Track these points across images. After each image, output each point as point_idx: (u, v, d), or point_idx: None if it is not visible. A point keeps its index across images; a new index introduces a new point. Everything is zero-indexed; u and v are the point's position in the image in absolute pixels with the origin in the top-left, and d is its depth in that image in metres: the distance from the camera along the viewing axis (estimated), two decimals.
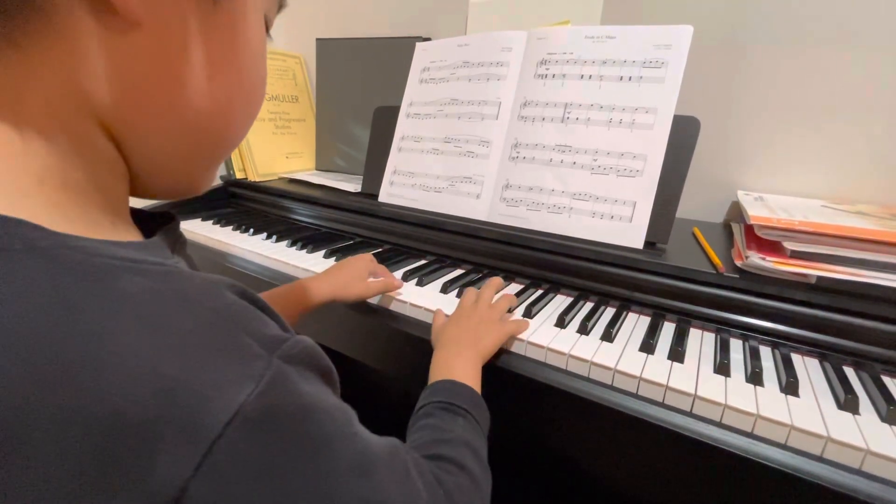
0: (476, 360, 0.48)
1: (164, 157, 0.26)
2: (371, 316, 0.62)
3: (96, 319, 0.18)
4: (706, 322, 0.57)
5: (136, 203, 0.28)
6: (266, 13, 0.28)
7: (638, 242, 0.62)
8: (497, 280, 0.61)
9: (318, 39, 1.12)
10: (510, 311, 0.58)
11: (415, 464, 0.29)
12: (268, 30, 0.29)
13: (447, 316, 0.56)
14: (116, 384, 0.17)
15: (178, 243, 0.29)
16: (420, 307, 0.61)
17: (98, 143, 0.23)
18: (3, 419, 0.16)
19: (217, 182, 1.09)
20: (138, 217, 0.28)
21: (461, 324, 0.52)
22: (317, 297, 0.57)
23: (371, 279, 0.62)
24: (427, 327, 0.58)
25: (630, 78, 0.64)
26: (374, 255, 0.78)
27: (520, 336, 0.53)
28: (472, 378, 0.45)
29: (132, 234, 0.26)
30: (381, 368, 0.66)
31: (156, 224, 0.29)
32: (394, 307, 0.63)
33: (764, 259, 0.52)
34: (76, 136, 0.22)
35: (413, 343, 0.58)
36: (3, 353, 0.16)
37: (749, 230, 0.61)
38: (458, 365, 0.46)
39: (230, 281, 0.23)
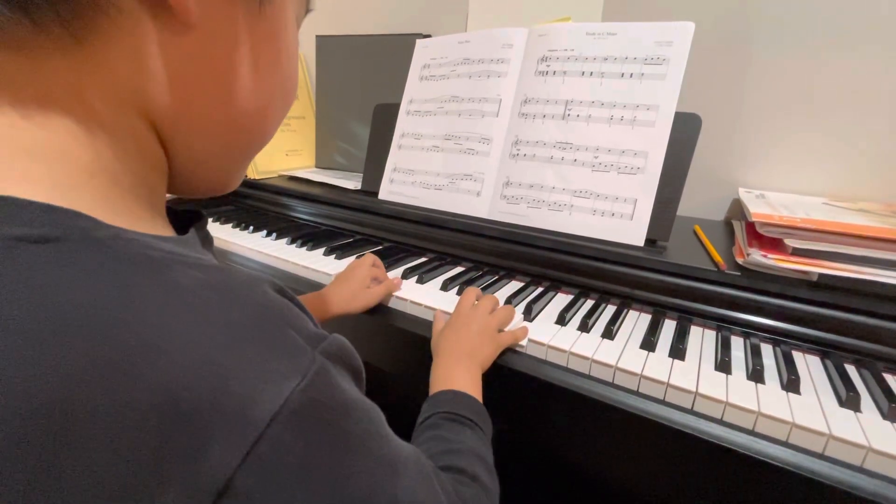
0: (476, 370, 0.48)
1: (206, 156, 0.27)
2: (371, 314, 0.62)
3: (153, 308, 0.18)
4: (707, 320, 0.57)
5: None
6: (297, 12, 0.29)
7: (639, 240, 0.61)
8: (493, 298, 0.58)
9: (317, 36, 1.11)
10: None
11: (436, 475, 0.29)
12: (297, 27, 0.30)
13: (446, 314, 0.56)
14: (173, 372, 0.18)
15: (207, 240, 0.29)
16: (420, 305, 0.61)
17: (147, 141, 0.24)
18: (65, 406, 0.16)
19: None
20: (169, 213, 0.29)
21: (460, 333, 0.51)
22: (326, 314, 0.58)
23: (374, 285, 0.62)
24: (427, 325, 0.58)
25: (631, 75, 0.64)
26: (373, 252, 0.78)
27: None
28: (473, 387, 0.46)
29: (168, 231, 0.26)
30: (381, 366, 0.66)
31: (181, 221, 0.29)
32: (394, 305, 0.63)
33: (765, 256, 0.52)
34: (127, 134, 0.23)
35: (413, 341, 0.58)
36: (64, 340, 0.17)
37: (750, 227, 0.61)
38: (458, 374, 0.46)
39: (269, 278, 0.24)
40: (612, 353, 0.49)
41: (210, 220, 0.96)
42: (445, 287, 0.65)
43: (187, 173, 0.27)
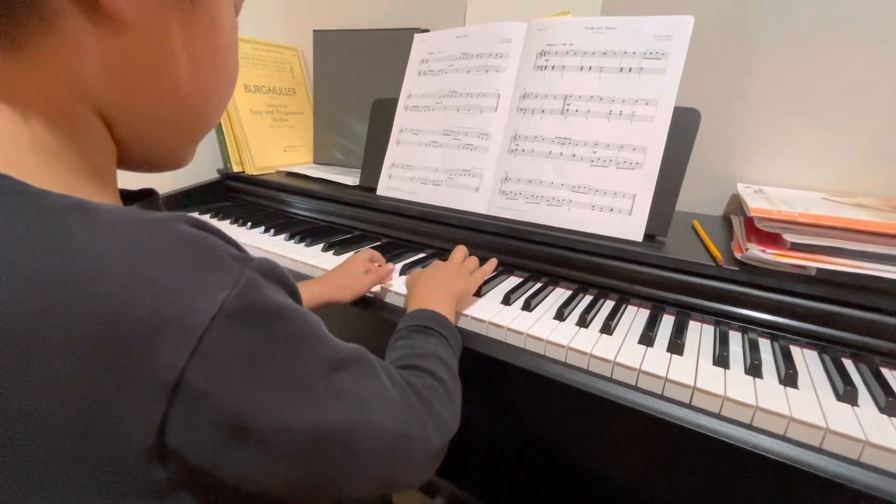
0: (449, 297, 0.52)
1: (151, 137, 0.29)
2: (368, 309, 0.62)
3: (88, 240, 0.21)
4: (705, 314, 0.57)
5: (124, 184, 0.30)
6: (235, 4, 0.31)
7: (637, 235, 0.61)
8: (463, 247, 0.65)
9: (315, 31, 1.11)
10: (484, 286, 0.63)
11: (383, 368, 0.33)
12: (236, 13, 0.32)
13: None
14: (112, 291, 0.20)
15: None
16: None
17: (91, 123, 0.26)
18: (20, 337, 0.19)
19: (214, 175, 1.08)
20: (125, 196, 0.31)
21: (434, 269, 0.57)
22: (311, 301, 0.59)
23: (367, 271, 0.63)
24: None
25: (630, 69, 0.63)
26: (372, 248, 0.78)
27: (519, 329, 0.53)
28: (445, 310, 0.49)
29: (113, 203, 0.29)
30: None
31: (136, 200, 0.31)
32: (391, 300, 0.63)
33: (764, 251, 0.52)
34: (71, 118, 0.25)
35: None
36: (13, 281, 0.19)
37: (749, 222, 0.61)
38: (432, 299, 0.51)
39: (186, 215, 0.26)
40: (610, 348, 0.49)
41: (207, 216, 0.96)
42: None
43: (135, 151, 0.29)
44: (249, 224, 0.89)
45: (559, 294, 0.64)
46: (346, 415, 0.27)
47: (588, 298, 0.62)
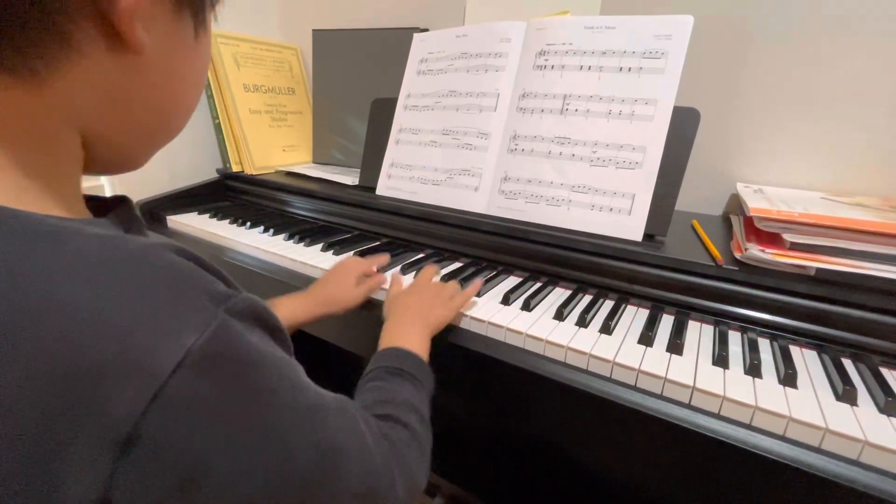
0: (425, 331, 0.51)
1: (125, 149, 0.29)
2: (369, 310, 0.62)
3: (45, 275, 0.20)
4: (705, 314, 0.57)
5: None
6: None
7: (637, 235, 0.61)
8: (434, 267, 0.63)
9: (314, 31, 1.10)
10: (478, 296, 0.61)
11: (363, 419, 0.32)
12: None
13: (401, 277, 0.60)
14: (71, 329, 0.19)
15: (134, 226, 0.31)
16: None
17: (69, 142, 0.26)
18: None
19: (213, 175, 1.08)
20: (97, 204, 0.30)
21: (412, 296, 0.55)
22: (301, 318, 0.57)
23: (360, 282, 0.62)
24: None
25: (630, 69, 0.63)
26: (371, 248, 0.78)
27: (518, 328, 0.53)
28: (420, 347, 0.48)
29: (82, 215, 0.28)
30: None
31: (110, 209, 0.31)
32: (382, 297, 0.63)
33: (763, 251, 0.52)
34: (52, 138, 0.25)
35: None
36: None
37: (748, 222, 0.61)
38: (407, 333, 0.49)
39: (176, 245, 0.25)
40: (609, 348, 0.49)
41: (206, 215, 0.96)
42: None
43: (103, 161, 0.29)
44: (249, 224, 0.89)
45: (558, 294, 0.64)
46: (315, 465, 0.26)
47: (587, 298, 0.62)
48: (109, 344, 0.19)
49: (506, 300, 0.59)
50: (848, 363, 0.48)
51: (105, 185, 1.01)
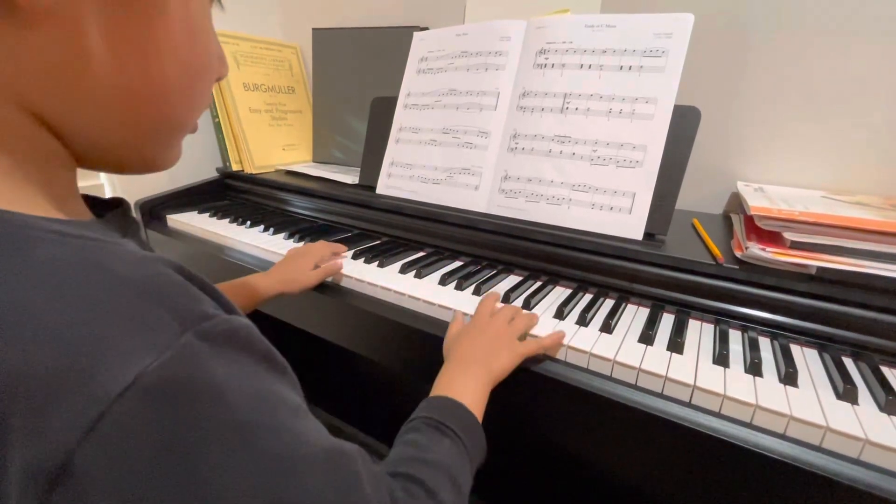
0: (485, 381, 0.44)
1: (106, 140, 0.26)
2: (369, 308, 0.62)
3: (9, 283, 0.19)
4: (705, 313, 0.57)
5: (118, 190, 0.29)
6: None
7: (637, 234, 0.61)
8: (515, 308, 0.56)
9: (314, 29, 1.10)
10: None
11: (370, 475, 0.26)
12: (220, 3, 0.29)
13: (466, 315, 0.54)
14: (16, 345, 0.18)
15: (131, 228, 0.29)
16: (419, 300, 0.60)
17: (31, 131, 0.24)
18: None
19: (213, 174, 1.08)
20: (93, 204, 0.29)
21: (474, 339, 0.48)
22: (265, 293, 0.61)
23: (317, 267, 0.66)
24: (426, 319, 0.58)
25: (630, 67, 0.63)
26: (370, 246, 0.78)
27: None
28: (474, 399, 0.42)
29: (79, 216, 0.26)
30: (378, 360, 0.66)
31: (108, 210, 0.29)
32: (392, 299, 0.63)
33: (764, 250, 0.52)
34: (6, 126, 0.23)
35: (411, 335, 0.58)
36: None
37: (749, 221, 0.61)
38: (461, 383, 0.43)
39: (173, 261, 0.23)
40: (610, 346, 0.49)
41: (206, 215, 0.96)
42: (444, 282, 0.64)
43: (94, 154, 0.27)
44: (248, 223, 0.89)
45: (559, 293, 0.63)
46: None
47: (588, 297, 0.62)
48: (52, 362, 0.18)
49: (506, 299, 0.59)
50: (849, 362, 0.48)
51: (105, 185, 1.01)
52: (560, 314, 0.56)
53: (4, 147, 0.23)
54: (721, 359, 0.47)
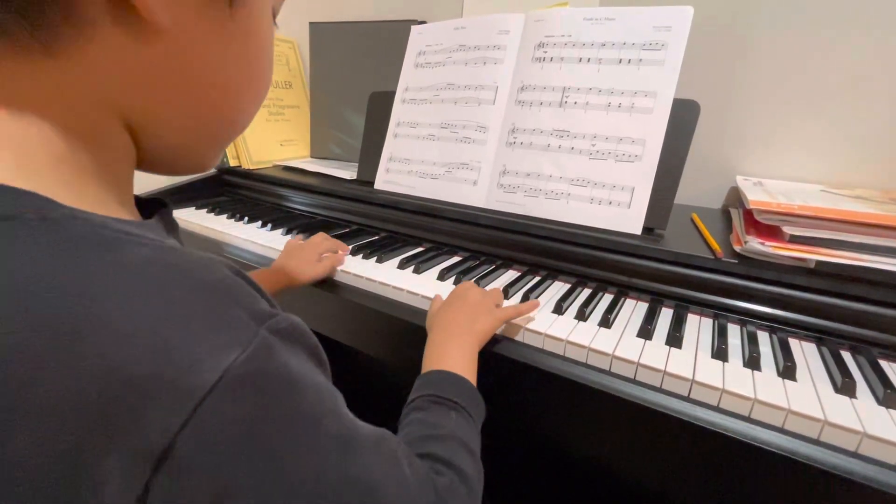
0: (472, 345, 0.47)
1: (177, 144, 0.28)
2: (368, 304, 0.62)
3: (99, 283, 0.20)
4: (704, 307, 0.57)
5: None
6: (273, 4, 0.30)
7: (636, 228, 0.61)
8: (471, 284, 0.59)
9: (311, 23, 1.09)
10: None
11: (406, 458, 0.29)
12: (274, 17, 0.30)
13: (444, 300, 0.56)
14: (116, 342, 0.19)
15: (172, 227, 0.31)
16: (417, 294, 0.60)
17: (114, 132, 0.25)
18: (20, 386, 0.18)
19: (211, 170, 1.07)
20: (136, 202, 0.30)
21: (455, 306, 0.50)
22: (273, 285, 0.61)
23: (321, 260, 0.67)
24: (425, 315, 0.58)
25: (629, 61, 0.63)
26: (369, 242, 0.77)
27: (517, 322, 0.53)
28: (467, 366, 0.44)
29: (132, 215, 0.28)
30: (380, 357, 0.66)
31: (150, 209, 0.30)
32: (391, 295, 0.63)
33: (763, 244, 0.52)
34: (94, 127, 0.24)
35: (411, 330, 0.58)
36: (18, 313, 0.18)
37: (748, 215, 0.61)
38: (452, 352, 0.45)
39: (225, 260, 0.24)
40: (609, 341, 0.49)
41: (204, 210, 0.96)
42: (442, 277, 0.64)
43: (159, 157, 0.28)
44: (246, 219, 0.89)
45: (557, 288, 0.63)
46: (348, 500, 0.24)
47: (586, 292, 0.62)
48: (146, 361, 0.19)
49: (504, 294, 0.59)
50: (847, 355, 0.48)
51: None
52: (559, 309, 0.56)
53: (88, 147, 0.24)
54: (720, 353, 0.47)
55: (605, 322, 0.53)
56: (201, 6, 0.24)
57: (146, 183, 1.00)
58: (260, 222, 0.87)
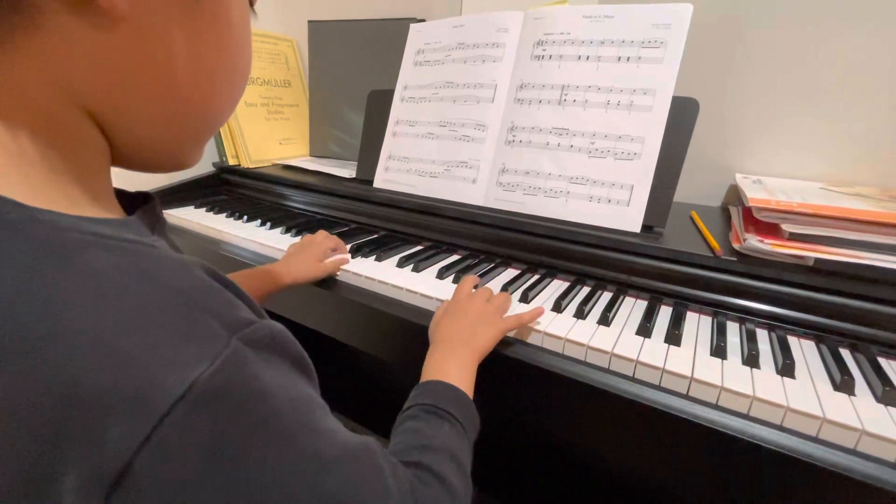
0: (470, 359, 0.46)
1: (149, 139, 0.27)
2: (366, 302, 0.62)
3: (57, 292, 0.19)
4: (703, 305, 0.57)
5: (118, 183, 0.29)
6: None
7: (635, 226, 0.61)
8: (473, 278, 0.59)
9: (310, 22, 1.09)
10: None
11: (390, 466, 0.28)
12: (252, 4, 0.29)
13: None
14: (71, 354, 0.18)
15: (158, 224, 0.30)
16: (416, 293, 0.60)
17: (81, 127, 0.24)
18: None
19: (209, 169, 1.07)
20: (120, 197, 0.29)
21: (457, 319, 0.50)
22: (279, 283, 0.61)
23: (327, 259, 0.67)
24: (424, 313, 0.58)
25: (628, 58, 0.63)
26: (368, 241, 0.77)
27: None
28: (464, 379, 0.44)
29: (114, 213, 0.27)
30: (375, 354, 0.66)
31: (136, 204, 0.29)
32: (390, 293, 0.63)
33: (762, 241, 0.52)
34: (57, 122, 0.23)
35: (410, 329, 0.58)
36: None
37: (747, 213, 0.61)
38: (450, 364, 0.44)
39: (205, 263, 0.24)
40: (608, 339, 0.49)
41: (203, 209, 0.95)
42: (441, 275, 0.64)
43: (133, 152, 0.27)
44: (245, 218, 0.89)
45: (557, 286, 0.63)
46: None
47: (586, 290, 0.62)
48: (103, 374, 0.18)
49: (504, 292, 0.59)
50: (846, 353, 0.48)
51: None
52: (558, 307, 0.56)
53: (53, 142, 0.23)
54: (719, 351, 0.47)
55: (605, 320, 0.53)
56: None
57: (143, 179, 1.00)
58: (259, 221, 0.87)
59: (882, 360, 0.46)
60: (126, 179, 0.30)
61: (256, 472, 0.21)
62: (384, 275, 0.64)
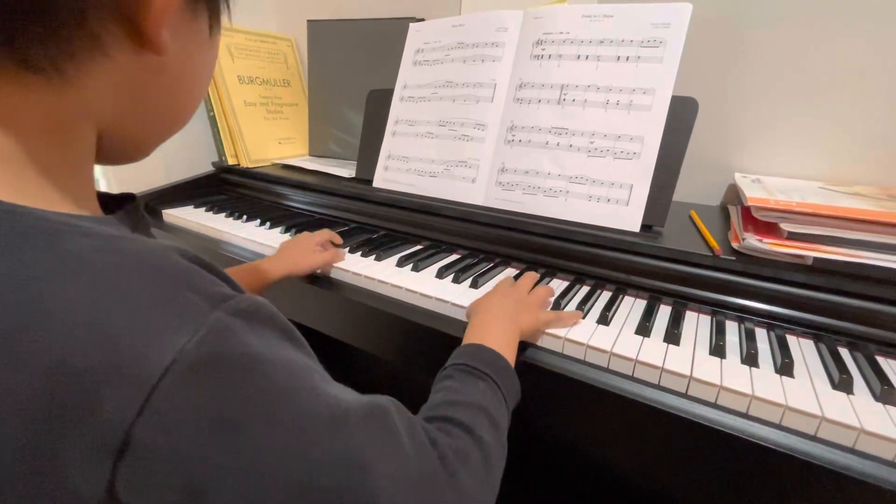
0: (514, 332, 0.45)
1: (135, 140, 0.29)
2: (366, 302, 0.62)
3: (41, 275, 0.19)
4: (702, 304, 0.57)
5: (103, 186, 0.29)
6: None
7: (634, 226, 0.61)
8: (533, 275, 0.59)
9: (309, 21, 1.09)
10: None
11: (405, 423, 0.28)
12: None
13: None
14: (59, 334, 0.19)
15: (140, 224, 0.31)
16: (416, 293, 0.60)
17: (85, 137, 0.26)
18: None
19: (209, 168, 1.07)
20: (102, 200, 0.30)
21: (500, 297, 0.50)
22: (273, 275, 0.62)
23: (319, 251, 0.68)
24: (423, 312, 0.58)
25: (628, 58, 0.63)
26: (367, 239, 0.77)
27: None
28: (504, 345, 0.43)
29: (94, 213, 0.28)
30: (375, 353, 0.66)
31: (117, 206, 0.31)
32: (390, 293, 0.63)
33: (761, 241, 0.52)
34: (67, 134, 0.24)
35: (409, 328, 0.58)
36: None
37: (746, 212, 0.61)
38: (491, 330, 0.44)
39: (182, 248, 0.24)
40: (607, 338, 0.49)
41: (202, 209, 0.95)
42: (441, 275, 0.64)
43: (112, 152, 0.29)
44: (245, 217, 0.89)
45: (556, 285, 0.63)
46: (338, 483, 0.22)
47: (585, 289, 0.62)
48: (92, 351, 0.19)
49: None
50: (844, 352, 0.48)
51: (100, 180, 1.01)
52: (557, 307, 0.56)
53: (53, 149, 0.24)
54: (718, 350, 0.47)
55: (604, 319, 0.53)
56: (191, 31, 0.27)
57: (142, 178, 1.00)
58: (258, 221, 0.87)
59: (880, 359, 0.47)
60: (126, 180, 0.31)
61: (260, 438, 0.21)
62: (384, 274, 0.64)
